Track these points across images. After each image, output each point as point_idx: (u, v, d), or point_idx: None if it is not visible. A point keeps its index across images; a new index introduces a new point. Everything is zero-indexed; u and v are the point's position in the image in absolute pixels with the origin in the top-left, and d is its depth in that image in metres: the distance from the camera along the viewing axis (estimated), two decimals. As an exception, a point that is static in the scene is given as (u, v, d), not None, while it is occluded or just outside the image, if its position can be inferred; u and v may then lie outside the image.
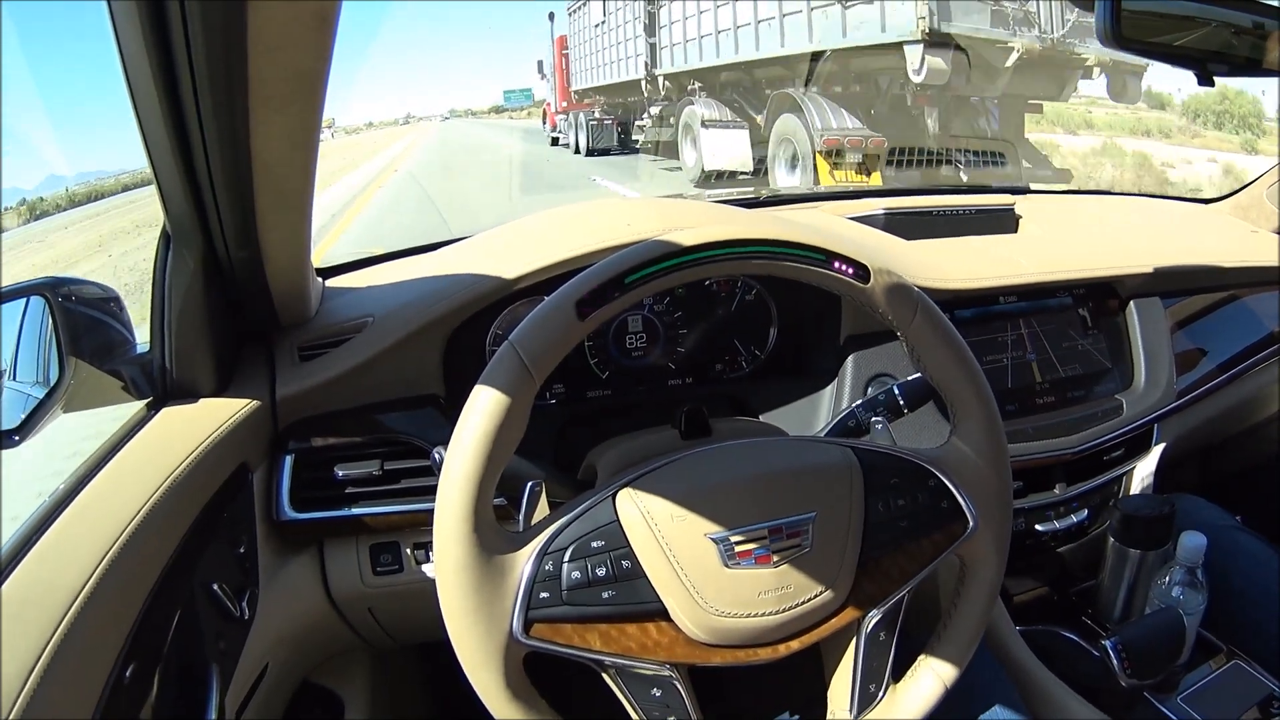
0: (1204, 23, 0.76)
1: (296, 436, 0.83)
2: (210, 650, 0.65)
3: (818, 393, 0.97)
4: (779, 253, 0.60)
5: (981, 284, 1.03)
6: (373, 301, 0.90)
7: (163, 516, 0.61)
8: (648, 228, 0.86)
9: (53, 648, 0.47)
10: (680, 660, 0.58)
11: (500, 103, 29.06)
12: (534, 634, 0.54)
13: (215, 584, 0.67)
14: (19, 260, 6.37)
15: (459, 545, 0.53)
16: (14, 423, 0.68)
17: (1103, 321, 1.13)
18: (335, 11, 0.45)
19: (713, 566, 0.57)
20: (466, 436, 0.53)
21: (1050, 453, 1.02)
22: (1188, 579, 0.91)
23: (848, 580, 0.61)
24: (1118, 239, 1.23)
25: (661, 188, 8.39)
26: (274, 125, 0.54)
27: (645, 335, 0.97)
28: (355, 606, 0.92)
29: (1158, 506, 0.95)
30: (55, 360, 0.71)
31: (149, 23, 0.46)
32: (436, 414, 0.86)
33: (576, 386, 0.97)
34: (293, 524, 0.82)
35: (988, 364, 1.04)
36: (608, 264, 0.56)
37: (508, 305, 0.90)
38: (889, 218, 1.14)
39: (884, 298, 0.62)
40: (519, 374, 0.54)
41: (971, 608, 0.67)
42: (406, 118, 50.22)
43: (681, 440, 0.67)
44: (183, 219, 0.66)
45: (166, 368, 0.75)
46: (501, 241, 1.00)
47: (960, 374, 0.64)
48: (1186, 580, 0.91)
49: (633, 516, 0.57)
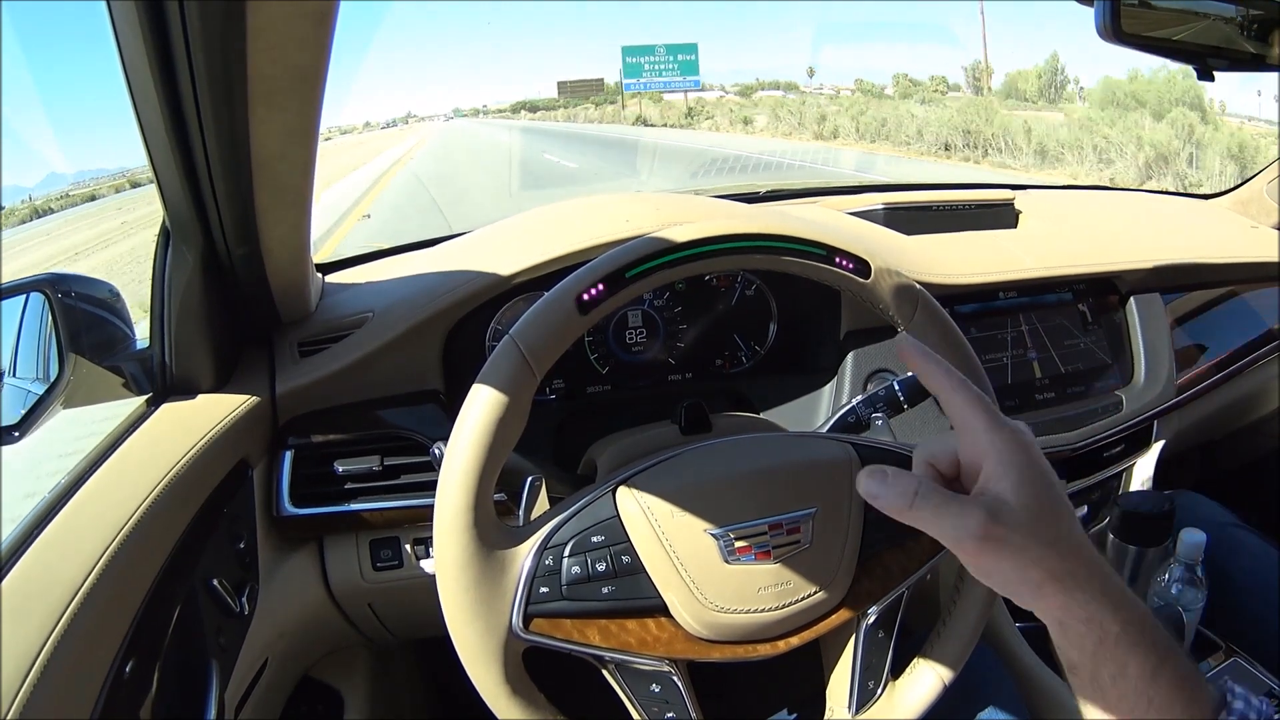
0: (1204, 17, 0.76)
1: (296, 432, 0.83)
2: (210, 646, 0.66)
3: (818, 389, 0.97)
4: (780, 247, 0.60)
5: (981, 279, 1.03)
6: (372, 297, 0.90)
7: (163, 512, 0.61)
8: (646, 223, 0.86)
9: (53, 643, 0.47)
10: (679, 656, 0.58)
11: (619, 79, 24.70)
12: (533, 629, 0.55)
13: (215, 579, 0.68)
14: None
15: (459, 539, 0.53)
16: (14, 418, 0.68)
17: (1102, 317, 1.13)
18: (334, 9, 0.45)
19: (712, 562, 0.57)
20: (467, 430, 0.53)
21: (1050, 449, 1.02)
22: (1187, 576, 0.91)
23: (847, 576, 0.61)
24: (1117, 234, 1.23)
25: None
26: (273, 122, 0.54)
27: (645, 330, 0.97)
28: (355, 602, 0.92)
29: (1157, 503, 0.95)
30: (55, 356, 0.71)
31: (148, 20, 0.46)
32: (436, 409, 0.86)
33: (576, 382, 0.97)
34: (293, 519, 0.82)
35: (987, 360, 1.04)
36: (609, 258, 0.56)
37: (507, 301, 0.90)
38: (889, 212, 1.14)
39: (885, 293, 0.62)
40: (520, 368, 0.54)
41: (971, 604, 0.67)
42: (407, 117, 49.50)
43: (681, 436, 0.67)
44: (182, 215, 0.66)
45: (166, 364, 0.75)
46: (501, 237, 1.00)
47: (960, 369, 0.64)
48: (1186, 577, 0.91)
49: (633, 512, 0.57)
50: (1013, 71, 20.61)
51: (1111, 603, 0.41)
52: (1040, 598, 0.42)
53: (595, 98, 32.68)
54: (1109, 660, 0.41)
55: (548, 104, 39.46)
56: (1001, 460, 0.44)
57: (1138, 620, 0.41)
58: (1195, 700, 0.40)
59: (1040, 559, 0.42)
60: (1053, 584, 0.42)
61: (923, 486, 0.44)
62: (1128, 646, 0.40)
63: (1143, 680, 0.40)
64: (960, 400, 0.46)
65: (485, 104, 49.15)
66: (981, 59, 20.60)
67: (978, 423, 0.45)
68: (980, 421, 0.45)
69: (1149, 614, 0.42)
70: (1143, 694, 0.40)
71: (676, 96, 25.45)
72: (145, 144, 0.58)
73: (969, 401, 0.46)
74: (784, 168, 11.74)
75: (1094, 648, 0.41)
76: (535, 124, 33.49)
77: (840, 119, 17.16)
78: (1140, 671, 0.40)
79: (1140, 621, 0.41)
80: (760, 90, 27.57)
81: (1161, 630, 0.41)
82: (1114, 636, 0.40)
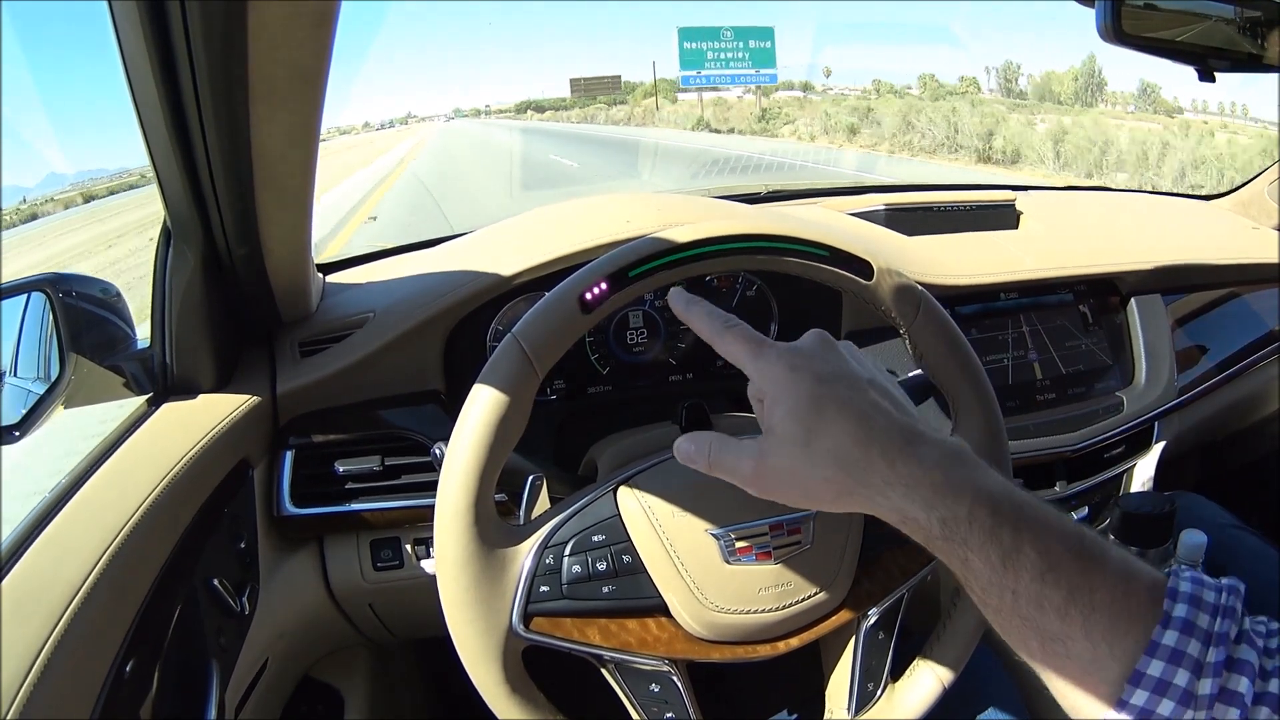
0: (1205, 18, 0.76)
1: (297, 432, 0.83)
2: (210, 646, 0.66)
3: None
4: (783, 248, 0.60)
5: (982, 280, 1.03)
6: (373, 297, 0.90)
7: (163, 512, 0.61)
8: (647, 224, 0.86)
9: (53, 643, 0.47)
10: (679, 656, 0.58)
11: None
12: (533, 628, 0.55)
13: (215, 579, 0.68)
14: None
15: (459, 537, 0.53)
16: (15, 418, 0.68)
17: (1103, 318, 1.13)
18: (335, 9, 0.45)
19: (713, 562, 0.57)
20: (469, 428, 0.53)
21: (1051, 450, 1.02)
22: (1188, 576, 0.91)
23: (848, 578, 0.61)
24: (1118, 235, 1.23)
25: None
26: (274, 122, 0.54)
27: (646, 331, 0.97)
28: (355, 602, 0.92)
29: (1158, 504, 0.95)
30: (56, 356, 0.71)
31: (149, 20, 0.46)
32: (437, 410, 0.86)
33: (577, 382, 0.97)
34: (293, 519, 0.82)
35: (988, 361, 1.04)
36: (611, 258, 0.57)
37: (508, 301, 0.90)
38: (890, 213, 1.13)
39: (887, 294, 0.62)
40: (522, 366, 0.54)
41: (972, 606, 0.67)
42: (407, 118, 48.99)
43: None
44: (183, 215, 0.66)
45: (167, 363, 0.75)
46: (502, 237, 1.00)
47: (962, 371, 0.64)
48: (1186, 577, 0.91)
49: (634, 511, 0.57)
50: (1045, 73, 19.76)
51: (921, 500, 0.40)
52: (847, 509, 0.43)
53: (606, 97, 30.90)
54: (948, 556, 0.40)
55: (554, 104, 37.80)
56: (771, 391, 0.44)
57: (960, 512, 0.38)
58: (1088, 586, 0.36)
59: (824, 480, 0.42)
60: (846, 498, 0.42)
61: (714, 442, 0.46)
62: (960, 541, 0.39)
63: (990, 570, 0.38)
64: (727, 339, 0.47)
65: (488, 104, 48.12)
66: (1012, 60, 19.38)
67: (744, 358, 0.46)
68: (745, 355, 0.46)
69: (989, 502, 0.38)
70: (1001, 585, 0.38)
71: (696, 96, 22.07)
72: (146, 143, 0.58)
73: (735, 338, 0.47)
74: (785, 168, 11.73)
75: (927, 544, 0.40)
76: (544, 125, 31.63)
77: (937, 125, 15.02)
78: (985, 561, 0.38)
79: (964, 514, 0.38)
80: (778, 91, 25.09)
81: (1018, 517, 0.38)
82: (937, 534, 0.39)
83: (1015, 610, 0.38)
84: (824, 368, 0.44)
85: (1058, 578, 0.37)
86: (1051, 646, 0.38)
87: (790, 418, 0.43)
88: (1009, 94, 18.47)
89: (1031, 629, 0.38)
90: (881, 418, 0.42)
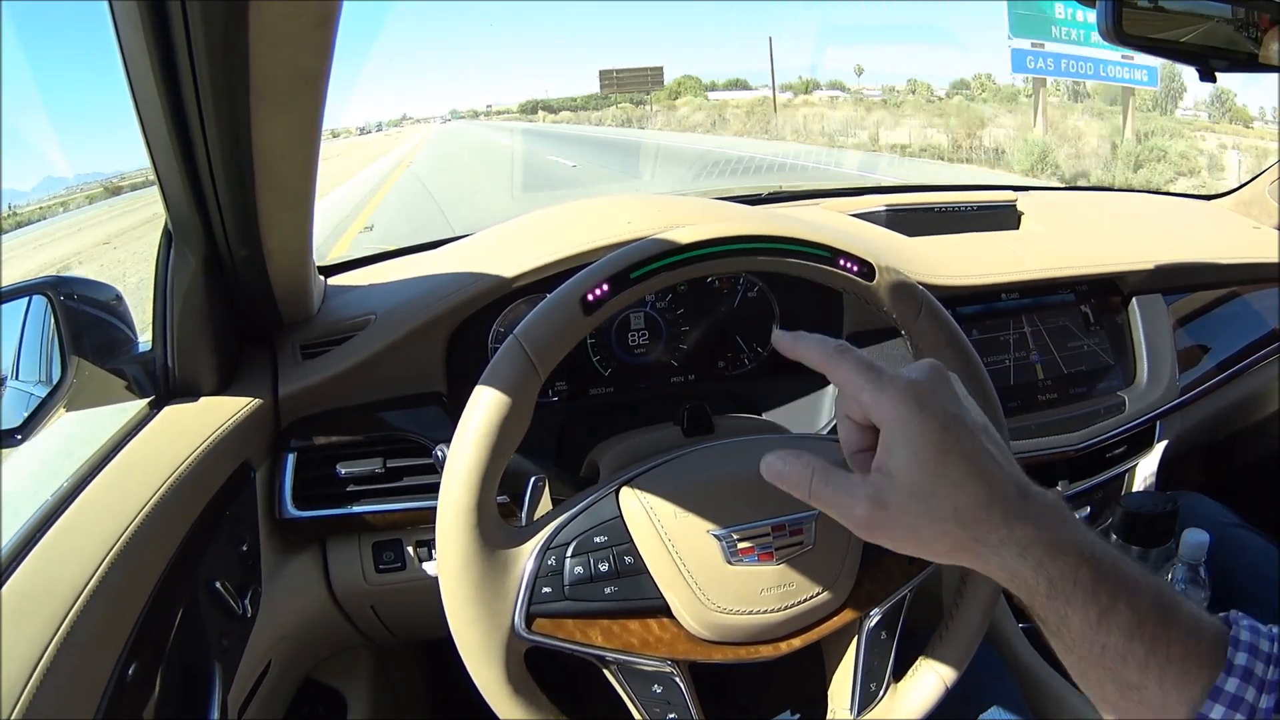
0: (1205, 18, 0.76)
1: (299, 434, 0.83)
2: (213, 648, 0.66)
3: (820, 390, 0.97)
4: (784, 249, 0.60)
5: (984, 280, 1.03)
6: (375, 299, 0.90)
7: (165, 515, 0.61)
8: (648, 225, 0.85)
9: (55, 646, 0.47)
10: (681, 657, 0.58)
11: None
12: (536, 629, 0.55)
13: (218, 582, 0.68)
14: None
15: (461, 539, 0.53)
16: (16, 422, 0.68)
17: (1105, 318, 1.13)
18: (336, 10, 0.45)
19: (715, 563, 0.57)
20: (470, 429, 0.53)
21: (1053, 450, 1.02)
22: (1190, 576, 0.91)
23: (850, 578, 0.61)
24: (1119, 235, 1.23)
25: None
26: (275, 123, 0.54)
27: (648, 332, 0.97)
28: (358, 604, 0.92)
29: (1160, 504, 0.95)
30: (57, 359, 0.71)
31: (150, 21, 0.46)
32: (439, 412, 0.86)
33: (579, 384, 0.97)
34: (295, 522, 0.82)
35: (990, 361, 1.04)
36: (613, 259, 0.57)
37: (510, 303, 0.90)
38: (891, 214, 1.14)
39: (889, 295, 0.62)
40: (524, 367, 0.54)
41: (974, 606, 0.67)
42: (401, 119, 48.35)
43: (684, 437, 0.67)
44: (184, 217, 0.66)
45: (168, 366, 0.75)
46: (503, 239, 1.00)
47: (963, 371, 0.64)
48: (1189, 578, 0.91)
49: (636, 512, 0.57)
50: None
51: (1033, 560, 0.39)
52: (956, 562, 0.42)
53: (635, 95, 26.67)
54: (1047, 612, 0.40)
55: (562, 104, 34.35)
56: (891, 430, 0.42)
57: (1068, 572, 0.39)
58: (1166, 639, 0.38)
59: (942, 534, 0.41)
60: (959, 553, 0.41)
61: (818, 470, 0.44)
62: (1063, 599, 0.39)
63: (1088, 627, 0.38)
64: (842, 368, 0.44)
65: (490, 104, 46.90)
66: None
67: (863, 387, 0.43)
68: (863, 384, 0.43)
69: (1091, 560, 0.39)
70: (1093, 641, 0.39)
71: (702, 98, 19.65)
72: (147, 145, 0.58)
73: (850, 366, 0.44)
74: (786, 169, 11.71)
75: (1030, 600, 0.40)
76: (573, 130, 26.48)
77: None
78: (1084, 619, 0.38)
79: (1070, 573, 0.39)
80: (813, 90, 23.40)
81: (1115, 575, 0.39)
82: (1043, 592, 0.39)
83: (1100, 662, 0.39)
84: (947, 409, 0.42)
85: (1144, 634, 0.38)
86: (1128, 694, 0.39)
87: (915, 465, 0.41)
88: (1076, 99, 16.56)
89: (1111, 678, 0.39)
90: (998, 471, 0.42)
